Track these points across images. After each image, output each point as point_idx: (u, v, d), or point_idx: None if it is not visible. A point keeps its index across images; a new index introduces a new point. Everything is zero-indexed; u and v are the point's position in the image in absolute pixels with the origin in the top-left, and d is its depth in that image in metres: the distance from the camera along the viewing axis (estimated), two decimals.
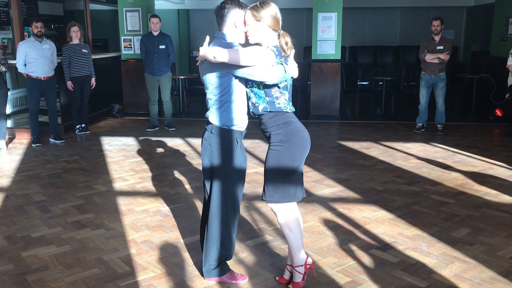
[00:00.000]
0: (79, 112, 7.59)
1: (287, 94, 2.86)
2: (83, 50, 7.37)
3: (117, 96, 9.37)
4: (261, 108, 2.81)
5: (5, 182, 5.25)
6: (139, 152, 6.50)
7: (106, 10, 12.13)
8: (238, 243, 3.55)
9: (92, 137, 7.46)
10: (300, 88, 9.08)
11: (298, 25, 12.77)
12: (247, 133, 3.03)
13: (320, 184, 5.07)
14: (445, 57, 7.11)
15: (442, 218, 4.12)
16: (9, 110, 7.95)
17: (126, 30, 9.03)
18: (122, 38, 9.09)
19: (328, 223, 4.03)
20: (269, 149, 2.86)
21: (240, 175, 2.98)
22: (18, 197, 4.76)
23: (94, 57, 7.94)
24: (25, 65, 6.67)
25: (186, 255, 3.47)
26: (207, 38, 2.81)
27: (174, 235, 3.82)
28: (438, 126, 7.48)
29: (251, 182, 5.01)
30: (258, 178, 5.20)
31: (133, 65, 9.07)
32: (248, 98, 2.88)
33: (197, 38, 13.37)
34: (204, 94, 2.98)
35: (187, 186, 5.04)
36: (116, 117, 9.11)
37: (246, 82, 2.84)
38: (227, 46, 2.74)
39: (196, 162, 5.91)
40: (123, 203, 4.54)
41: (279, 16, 2.78)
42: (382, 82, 8.95)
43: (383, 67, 11.28)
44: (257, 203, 4.45)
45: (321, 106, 8.62)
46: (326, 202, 4.52)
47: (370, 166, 5.75)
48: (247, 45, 2.81)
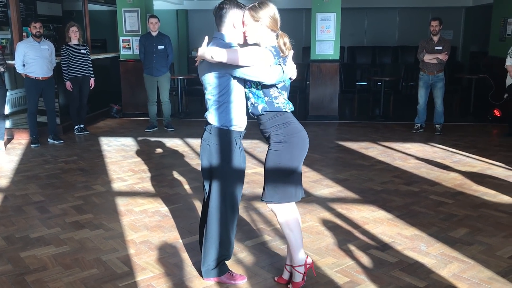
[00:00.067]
0: (78, 112, 7.58)
1: (286, 94, 2.86)
2: (82, 51, 7.36)
3: (115, 96, 9.36)
4: (260, 108, 2.81)
5: (3, 182, 5.24)
6: (138, 152, 6.50)
7: (104, 11, 12.13)
8: (237, 243, 3.56)
9: (90, 137, 7.46)
10: (299, 88, 9.08)
11: (297, 25, 12.79)
12: (246, 133, 3.03)
13: (319, 184, 5.07)
14: (443, 57, 7.12)
15: (441, 218, 4.12)
16: (7, 110, 7.95)
17: (125, 31, 9.03)
18: (121, 38, 9.09)
19: (326, 223, 4.03)
20: (269, 149, 2.86)
21: (239, 176, 2.98)
22: (16, 197, 4.76)
23: (92, 57, 7.93)
24: (23, 65, 6.67)
25: (185, 256, 3.47)
26: (206, 38, 2.82)
27: (173, 235, 3.82)
28: (437, 126, 7.49)
29: (250, 183, 5.01)
30: (257, 178, 5.20)
31: (131, 65, 9.06)
32: (247, 99, 2.88)
33: (195, 39, 13.38)
34: (203, 94, 2.99)
35: (186, 187, 5.04)
36: (114, 117, 9.10)
37: (245, 83, 2.84)
38: (226, 47, 2.74)
39: (195, 162, 5.91)
40: (122, 204, 4.54)
41: (278, 16, 2.78)
42: (380, 82, 8.96)
43: (382, 68, 11.30)
44: (256, 203, 4.45)
45: (320, 106, 8.63)
46: (324, 202, 4.52)
47: (368, 166, 5.75)
48: (246, 45, 2.81)
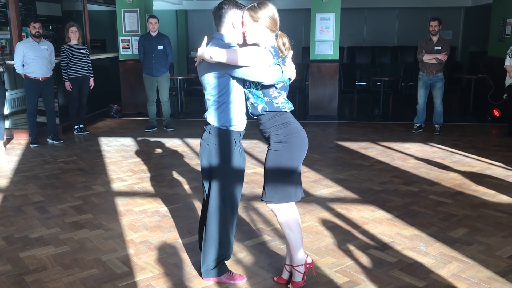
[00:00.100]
0: (77, 112, 7.58)
1: (285, 94, 2.86)
2: (82, 51, 7.36)
3: (115, 96, 9.36)
4: (260, 108, 2.81)
5: (3, 182, 5.24)
6: (138, 152, 6.50)
7: (104, 11, 12.12)
8: (236, 243, 3.56)
9: (90, 137, 7.46)
10: (298, 88, 9.08)
11: (296, 25, 12.79)
12: (246, 133, 3.03)
13: (318, 184, 5.07)
14: (443, 57, 7.12)
15: (440, 218, 4.13)
16: (7, 110, 7.95)
17: (124, 31, 9.03)
18: (120, 38, 9.09)
19: (326, 223, 4.03)
20: (269, 149, 2.86)
21: (238, 176, 2.98)
22: (16, 197, 4.76)
23: (92, 57, 7.93)
24: (23, 65, 6.67)
25: (185, 256, 3.47)
26: (205, 38, 2.82)
27: (172, 236, 3.82)
28: (436, 126, 7.49)
29: (250, 183, 5.01)
30: (257, 178, 5.20)
31: (131, 65, 9.06)
32: (246, 99, 2.88)
33: (195, 39, 13.37)
34: (202, 94, 2.99)
35: (186, 187, 5.04)
36: (114, 117, 9.10)
37: (244, 83, 2.84)
38: (225, 47, 2.74)
39: (194, 162, 5.91)
40: (122, 204, 4.54)
41: (277, 16, 2.78)
42: (380, 83, 8.96)
43: (381, 68, 11.31)
44: (255, 203, 4.45)
45: (319, 106, 8.63)
46: (324, 202, 4.52)
47: (368, 166, 5.76)
48: (245, 45, 2.82)
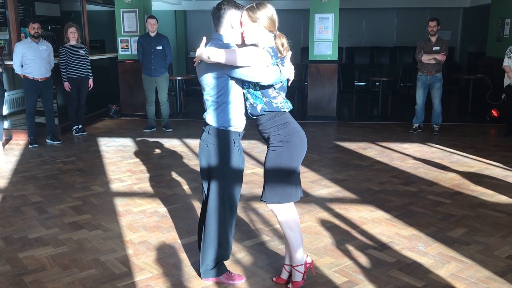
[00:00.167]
0: (76, 113, 7.58)
1: (284, 94, 2.87)
2: (80, 51, 7.36)
3: (114, 97, 9.36)
4: (259, 108, 2.81)
5: (2, 183, 5.24)
6: (136, 153, 6.50)
7: (103, 11, 12.12)
8: (235, 244, 3.56)
9: (89, 138, 7.46)
10: (297, 89, 9.09)
11: (295, 26, 12.80)
12: (245, 134, 3.03)
13: (317, 184, 5.08)
14: (441, 57, 7.13)
15: (439, 218, 4.13)
16: (6, 111, 7.94)
17: (123, 31, 9.02)
18: (119, 39, 9.09)
19: (325, 224, 4.04)
20: (268, 149, 2.86)
21: (237, 176, 2.98)
22: (15, 198, 4.76)
23: (91, 58, 7.92)
24: (21, 66, 6.67)
25: (184, 256, 3.47)
26: (204, 39, 2.82)
27: (171, 236, 3.82)
28: (435, 126, 7.50)
29: (249, 183, 5.02)
30: (256, 178, 5.20)
31: (130, 66, 9.06)
32: (245, 99, 2.89)
33: (194, 39, 13.39)
34: (201, 95, 2.99)
35: (185, 187, 5.04)
36: (113, 118, 9.10)
37: (243, 83, 2.84)
38: (224, 47, 2.75)
39: (193, 163, 5.91)
40: (120, 204, 4.54)
41: (275, 17, 2.78)
42: (379, 83, 8.97)
43: (380, 68, 11.32)
44: (254, 204, 4.46)
45: (318, 107, 8.64)
46: (323, 203, 4.53)
47: (367, 166, 5.76)
48: (244, 46, 2.82)
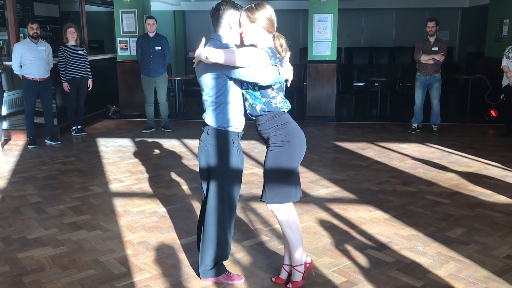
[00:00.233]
0: (75, 113, 7.58)
1: (283, 94, 2.87)
2: (79, 52, 7.36)
3: (113, 97, 9.36)
4: (258, 108, 2.81)
5: (1, 183, 5.23)
6: (135, 153, 6.50)
7: (102, 12, 12.12)
8: (234, 244, 3.56)
9: (88, 138, 7.46)
10: (296, 89, 9.08)
11: (294, 26, 12.81)
12: (244, 134, 3.04)
13: (316, 184, 5.08)
14: (440, 58, 7.14)
15: (437, 218, 4.14)
16: (4, 111, 7.93)
17: (122, 32, 9.03)
18: (118, 39, 9.09)
19: (324, 224, 4.04)
20: (268, 150, 2.86)
21: (236, 176, 2.98)
22: (14, 198, 4.75)
23: (90, 58, 7.92)
24: (20, 66, 6.66)
25: (183, 256, 3.48)
26: (203, 39, 2.83)
27: (170, 236, 3.82)
28: (434, 126, 7.51)
29: (248, 183, 5.02)
30: (255, 179, 5.21)
31: (129, 66, 9.06)
32: (244, 100, 2.89)
33: (193, 40, 13.39)
34: (200, 95, 2.99)
35: (184, 187, 5.05)
36: (112, 118, 9.10)
37: (242, 84, 2.84)
38: (222, 48, 2.75)
39: (192, 163, 5.91)
40: (119, 204, 4.54)
41: (274, 18, 2.78)
42: (377, 83, 8.97)
43: (379, 68, 11.32)
44: (253, 204, 4.46)
45: (317, 107, 8.64)
46: (322, 203, 4.53)
47: (366, 166, 5.77)
48: (242, 46, 2.82)
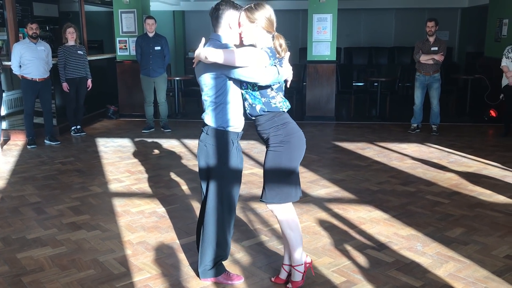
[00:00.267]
0: (75, 113, 7.58)
1: (282, 94, 2.87)
2: (79, 52, 7.35)
3: (112, 97, 9.36)
4: (258, 108, 2.81)
5: (0, 183, 5.23)
6: (135, 153, 6.50)
7: (101, 12, 12.12)
8: (234, 244, 3.56)
9: (87, 138, 7.45)
10: (295, 89, 9.08)
11: (294, 26, 12.81)
12: (243, 134, 3.03)
13: (315, 184, 5.08)
14: (439, 58, 7.14)
15: (437, 218, 4.14)
16: (4, 111, 7.94)
17: (122, 32, 9.02)
18: (118, 39, 9.09)
19: (323, 224, 4.04)
20: (268, 150, 2.86)
21: (236, 176, 2.98)
22: (13, 198, 4.75)
23: (89, 58, 7.92)
24: (20, 66, 6.66)
25: (182, 256, 3.48)
26: (203, 39, 2.83)
27: (169, 236, 3.82)
28: (433, 126, 7.51)
29: (247, 183, 5.02)
30: (254, 179, 5.21)
31: (128, 66, 9.06)
32: (244, 100, 2.89)
33: (192, 40, 13.39)
34: (199, 95, 2.99)
35: (183, 187, 5.04)
36: (111, 118, 9.10)
37: (241, 84, 2.84)
38: (222, 48, 2.74)
39: (191, 163, 5.91)
40: (119, 205, 4.54)
41: (274, 18, 2.78)
42: (377, 83, 8.98)
43: (378, 68, 11.33)
44: (253, 204, 4.46)
45: (316, 107, 8.64)
46: (321, 203, 4.53)
47: (365, 166, 5.77)
48: (242, 46, 2.82)
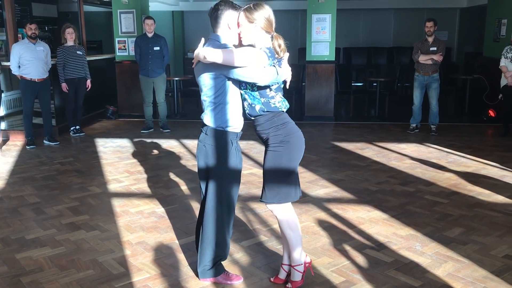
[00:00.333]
0: (74, 114, 7.57)
1: (281, 93, 2.88)
2: (78, 52, 7.35)
3: (111, 97, 9.35)
4: (258, 108, 2.81)
5: None
6: (134, 153, 6.49)
7: (100, 12, 12.12)
8: (233, 244, 3.56)
9: (86, 139, 7.45)
10: (294, 89, 9.10)
11: (293, 26, 12.82)
12: (242, 134, 3.04)
13: (314, 184, 5.08)
14: (438, 58, 7.15)
15: (436, 218, 4.14)
16: (3, 112, 7.93)
17: (121, 32, 9.02)
18: (117, 39, 9.08)
19: (322, 224, 4.04)
20: (268, 150, 2.86)
21: (235, 176, 2.98)
22: (12, 199, 4.75)
23: (88, 59, 7.91)
24: (19, 67, 6.65)
25: (181, 256, 3.48)
26: (202, 40, 2.83)
27: (169, 236, 3.82)
28: (432, 126, 7.52)
29: (246, 183, 5.02)
30: (253, 179, 5.21)
31: (127, 66, 9.06)
32: (243, 100, 2.89)
33: (191, 40, 13.39)
34: (198, 95, 2.99)
35: (182, 188, 5.04)
36: (110, 118, 9.10)
37: (240, 84, 2.85)
38: (221, 48, 2.74)
39: (191, 163, 5.91)
40: (118, 205, 4.54)
41: (273, 18, 2.79)
42: (376, 83, 8.99)
43: (377, 68, 11.34)
44: (252, 204, 4.46)
45: (315, 107, 8.65)
46: (320, 203, 4.53)
47: (364, 166, 5.77)
48: (241, 46, 2.82)
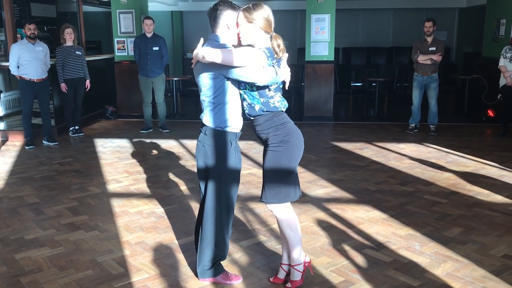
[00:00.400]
0: (73, 114, 7.57)
1: (280, 93, 2.88)
2: (77, 52, 7.35)
3: (110, 98, 9.35)
4: (257, 108, 2.81)
5: None
6: (133, 154, 6.49)
7: (99, 12, 12.11)
8: (232, 244, 3.56)
9: (85, 139, 7.45)
10: (294, 89, 9.10)
11: (292, 26, 12.82)
12: (241, 134, 3.04)
13: (314, 184, 5.09)
14: (437, 58, 7.15)
15: (435, 218, 4.15)
16: (2, 112, 7.93)
17: (120, 32, 9.02)
18: (116, 40, 9.08)
19: (321, 223, 4.05)
20: (268, 150, 2.86)
21: (234, 176, 2.98)
22: (11, 199, 4.75)
23: (87, 59, 7.91)
24: (18, 67, 6.65)
25: (180, 256, 3.48)
26: (201, 40, 2.83)
27: (168, 236, 3.82)
28: (431, 126, 7.52)
29: (245, 183, 5.02)
30: (252, 179, 5.21)
31: (126, 67, 9.06)
32: (242, 100, 2.89)
33: (190, 40, 13.38)
34: (198, 95, 2.99)
35: (181, 188, 5.04)
36: (109, 119, 9.09)
37: (239, 84, 2.85)
38: (220, 48, 2.75)
39: (190, 163, 5.91)
40: (117, 205, 4.54)
41: (272, 18, 2.79)
42: (375, 83, 8.99)
43: (376, 68, 11.34)
44: (251, 204, 4.46)
45: (314, 107, 8.65)
46: (319, 203, 4.54)
47: (363, 166, 5.78)
48: (240, 46, 2.82)
